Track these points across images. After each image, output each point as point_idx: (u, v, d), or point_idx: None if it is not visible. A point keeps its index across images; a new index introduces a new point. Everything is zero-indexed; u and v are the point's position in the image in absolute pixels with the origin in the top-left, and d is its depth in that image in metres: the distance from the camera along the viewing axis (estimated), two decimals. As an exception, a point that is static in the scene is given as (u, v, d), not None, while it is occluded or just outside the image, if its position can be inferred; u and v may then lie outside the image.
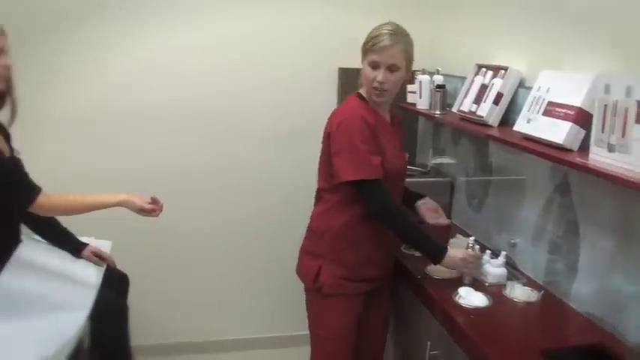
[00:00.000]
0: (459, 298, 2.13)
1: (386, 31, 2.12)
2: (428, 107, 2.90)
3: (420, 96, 2.95)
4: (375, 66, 2.14)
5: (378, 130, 2.17)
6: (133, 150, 3.11)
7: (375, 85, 2.14)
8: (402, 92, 3.10)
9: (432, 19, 3.20)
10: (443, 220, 2.47)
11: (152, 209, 2.27)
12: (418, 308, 2.30)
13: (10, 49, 2.08)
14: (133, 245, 3.00)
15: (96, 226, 2.55)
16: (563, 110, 1.97)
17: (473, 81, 2.62)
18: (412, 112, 3.02)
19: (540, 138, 2.04)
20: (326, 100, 3.09)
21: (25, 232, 2.37)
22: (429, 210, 2.44)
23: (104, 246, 2.60)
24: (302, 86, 3.18)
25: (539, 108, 2.10)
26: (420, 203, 2.45)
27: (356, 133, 2.11)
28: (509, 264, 2.36)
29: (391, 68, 2.13)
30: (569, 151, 1.92)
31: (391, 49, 2.11)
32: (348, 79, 3.00)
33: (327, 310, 2.29)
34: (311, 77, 3.19)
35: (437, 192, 2.95)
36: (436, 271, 2.33)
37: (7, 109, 2.17)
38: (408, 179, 2.48)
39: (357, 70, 2.24)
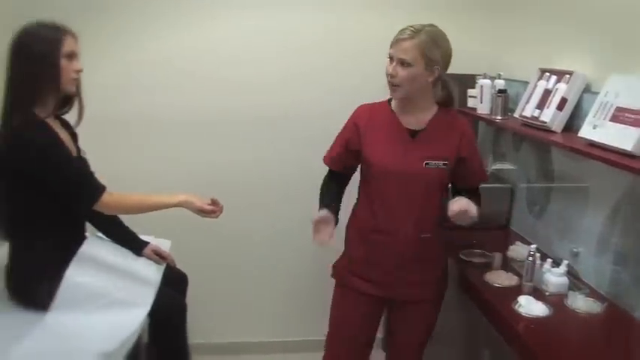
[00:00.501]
0: (518, 306, 2.08)
1: (409, 28, 2.11)
2: (489, 112, 2.86)
3: (480, 100, 2.91)
4: (390, 60, 2.15)
5: (373, 127, 2.24)
6: (186, 152, 3.18)
7: (388, 78, 2.15)
8: (463, 97, 3.07)
9: (494, 23, 3.14)
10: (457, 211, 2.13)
11: (212, 210, 2.31)
12: (476, 316, 2.27)
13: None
14: (192, 245, 3.07)
15: (154, 224, 2.60)
16: (633, 116, 1.91)
17: (536, 86, 2.56)
18: (472, 117, 2.98)
19: (607, 145, 1.97)
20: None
21: (90, 229, 2.44)
22: (451, 206, 2.17)
23: (164, 245, 2.64)
24: (363, 90, 3.17)
25: (607, 113, 2.04)
26: (450, 200, 2.22)
27: (346, 123, 2.33)
28: (571, 273, 2.30)
29: (402, 62, 2.10)
30: (639, 158, 1.86)
31: (403, 43, 2.09)
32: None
33: (334, 296, 2.42)
34: (375, 82, 3.17)
35: (497, 198, 2.91)
36: (496, 278, 2.29)
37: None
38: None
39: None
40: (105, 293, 2.17)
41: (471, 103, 3.05)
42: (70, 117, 2.29)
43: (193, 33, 3.06)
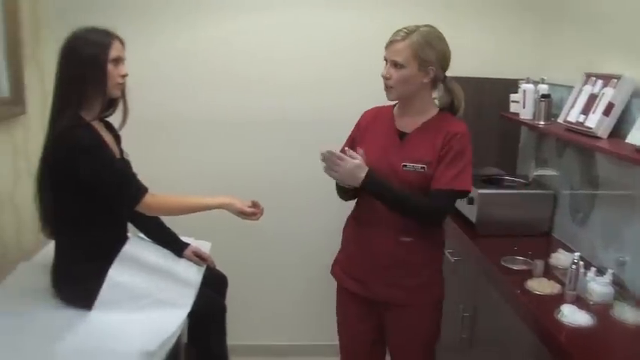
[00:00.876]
0: (561, 315, 2.04)
1: (403, 29, 2.08)
2: (531, 117, 2.82)
3: (523, 105, 2.87)
4: (385, 62, 2.13)
5: (373, 127, 2.26)
6: (219, 152, 3.24)
7: (383, 80, 2.14)
8: (505, 102, 3.04)
9: (537, 27, 3.11)
10: None
11: (253, 212, 2.33)
12: (517, 323, 2.23)
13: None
14: (232, 246, 3.08)
15: (195, 226, 2.63)
16: (683, 122, 1.86)
17: (581, 90, 2.52)
18: (515, 122, 2.94)
19: (657, 151, 1.93)
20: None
21: (131, 229, 2.48)
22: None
23: (204, 246, 2.67)
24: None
25: (657, 119, 1.99)
26: None
27: None
28: (617, 283, 2.24)
29: (395, 64, 2.08)
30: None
31: (396, 45, 2.07)
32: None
33: (336, 295, 2.46)
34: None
35: (538, 205, 2.86)
36: (538, 286, 2.25)
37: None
38: (508, 190, 2.40)
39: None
40: (147, 294, 2.21)
41: (513, 108, 3.02)
42: (113, 119, 2.34)
43: (228, 32, 3.10)
